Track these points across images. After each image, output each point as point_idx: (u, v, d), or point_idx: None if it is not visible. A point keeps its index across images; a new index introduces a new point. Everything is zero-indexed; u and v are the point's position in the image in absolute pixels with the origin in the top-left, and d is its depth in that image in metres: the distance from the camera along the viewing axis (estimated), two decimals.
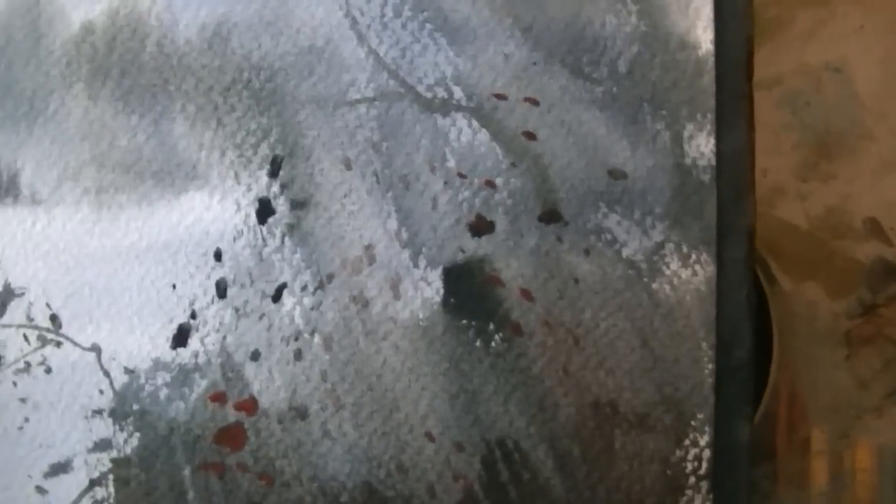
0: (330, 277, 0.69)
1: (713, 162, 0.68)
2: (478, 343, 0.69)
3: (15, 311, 0.72)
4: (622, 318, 0.68)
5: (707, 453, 0.69)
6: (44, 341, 0.71)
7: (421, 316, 0.69)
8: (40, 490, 0.71)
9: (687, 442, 0.69)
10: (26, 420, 0.71)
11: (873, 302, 0.81)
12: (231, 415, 0.70)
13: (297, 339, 0.69)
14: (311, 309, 0.69)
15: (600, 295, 0.68)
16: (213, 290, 0.70)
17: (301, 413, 0.69)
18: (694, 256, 0.68)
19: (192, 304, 0.70)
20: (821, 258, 0.79)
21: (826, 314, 0.79)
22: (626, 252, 0.68)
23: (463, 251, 0.69)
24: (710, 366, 0.68)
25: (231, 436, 0.70)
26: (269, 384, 0.70)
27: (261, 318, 0.70)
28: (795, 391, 0.83)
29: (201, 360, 0.70)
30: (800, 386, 0.83)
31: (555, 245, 0.68)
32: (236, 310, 0.70)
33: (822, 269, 0.79)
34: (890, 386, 0.83)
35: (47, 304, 0.71)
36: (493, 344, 0.69)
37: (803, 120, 0.76)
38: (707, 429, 0.69)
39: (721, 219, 0.68)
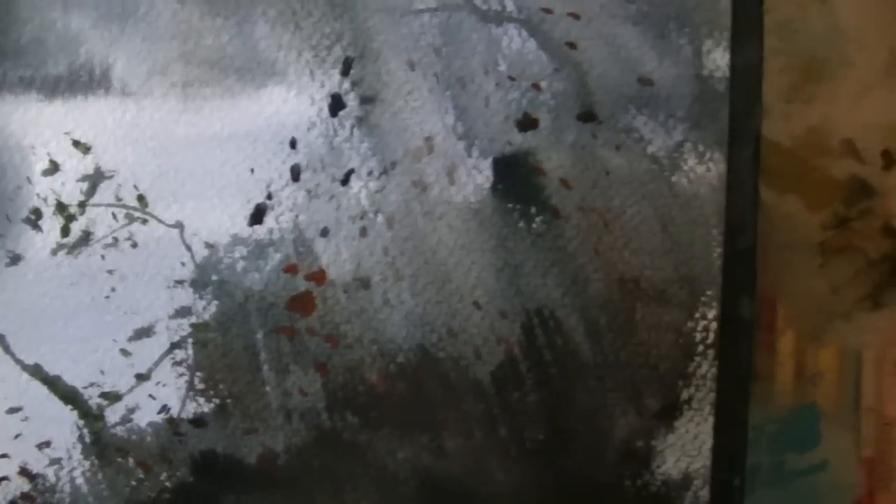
0: (393, 164, 0.79)
1: (727, 74, 0.79)
2: (521, 224, 0.79)
3: (105, 192, 0.80)
4: (646, 206, 0.79)
5: (714, 325, 0.80)
6: (131, 219, 0.79)
7: (473, 199, 0.79)
8: (125, 352, 0.80)
9: (698, 315, 0.80)
10: (113, 290, 0.79)
11: (847, 215, 0.88)
12: (302, 284, 0.79)
13: (362, 219, 0.79)
14: (376, 192, 0.79)
15: (628, 185, 0.79)
16: (287, 174, 0.79)
17: (364, 283, 0.79)
18: (709, 155, 0.79)
19: (268, 186, 0.79)
20: (801, 174, 0.85)
21: (803, 225, 0.84)
22: (650, 149, 0.79)
23: (511, 144, 0.79)
24: (719, 249, 0.79)
25: (302, 303, 0.79)
26: (336, 257, 0.79)
27: (330, 199, 0.79)
28: (772, 295, 0.91)
29: (276, 235, 0.79)
30: (776, 291, 0.89)
31: (590, 141, 0.79)
32: (308, 192, 0.79)
33: (802, 184, 0.85)
34: (859, 292, 0.91)
35: (135, 186, 0.79)
36: (534, 225, 0.79)
37: (790, 46, 0.84)
38: (715, 304, 0.80)
39: (732, 123, 0.79)
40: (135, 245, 0.79)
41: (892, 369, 0.93)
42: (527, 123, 0.78)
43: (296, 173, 0.79)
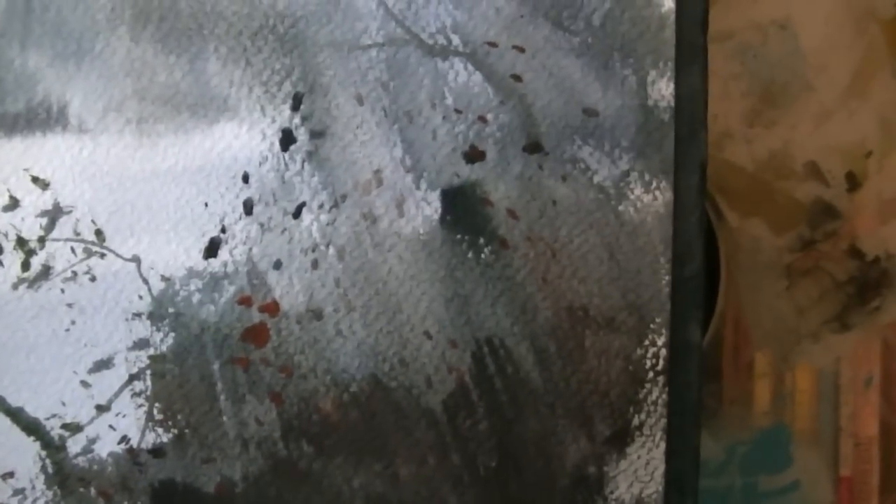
0: (343, 197, 0.80)
1: (672, 103, 0.80)
2: (470, 254, 0.80)
3: (63, 227, 0.81)
4: (593, 235, 0.80)
5: (664, 352, 0.81)
6: (89, 253, 0.81)
7: (422, 231, 0.80)
8: (85, 384, 0.81)
9: (647, 342, 0.81)
10: (73, 323, 0.81)
11: (812, 238, 0.89)
12: (256, 316, 0.81)
13: (314, 251, 0.80)
14: (327, 224, 0.80)
15: (575, 215, 0.80)
16: (240, 208, 0.80)
17: (317, 314, 0.80)
18: (655, 183, 0.80)
19: (222, 220, 0.80)
20: (765, 197, 0.87)
21: (769, 248, 0.86)
22: (597, 178, 0.80)
23: (458, 176, 0.80)
24: (667, 277, 0.80)
25: (256, 334, 0.81)
26: (289, 289, 0.80)
27: (283, 232, 0.80)
28: (740, 318, 0.92)
29: (230, 268, 0.81)
30: (745, 313, 0.91)
31: (536, 172, 0.80)
32: (261, 225, 0.80)
33: (766, 206, 0.87)
34: (826, 314, 0.92)
35: (93, 221, 0.81)
36: (483, 255, 0.80)
37: (751, 71, 0.85)
38: (664, 331, 0.81)
39: (678, 152, 0.80)
40: (93, 279, 0.81)
41: (864, 389, 0.94)
42: (474, 155, 0.80)
43: (248, 207, 0.80)
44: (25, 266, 0.81)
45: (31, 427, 0.81)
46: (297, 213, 0.80)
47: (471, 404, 0.81)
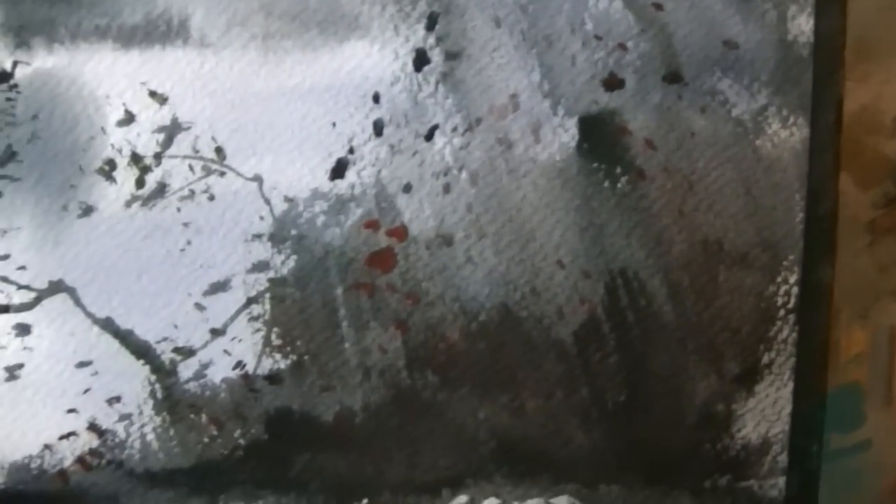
0: (478, 121, 0.78)
1: (811, 39, 0.79)
2: (606, 184, 0.79)
3: (181, 144, 0.78)
4: (730, 169, 0.79)
5: (795, 290, 0.80)
6: (208, 171, 0.78)
7: (558, 158, 0.78)
8: (199, 307, 0.78)
9: (779, 279, 0.80)
10: (188, 243, 0.78)
11: None
12: (383, 240, 0.78)
13: (446, 175, 0.78)
14: (460, 148, 0.78)
15: (712, 147, 0.79)
16: (370, 129, 0.78)
17: (447, 240, 0.78)
18: (792, 119, 0.79)
19: (350, 140, 0.78)
20: (852, 151, 0.85)
21: (853, 203, 0.84)
22: (735, 112, 0.79)
23: (596, 103, 0.78)
24: (801, 214, 0.79)
25: (382, 259, 0.78)
26: (419, 214, 0.78)
27: (414, 154, 0.78)
28: None
29: (357, 190, 0.78)
30: None
31: (675, 102, 0.79)
32: (391, 147, 0.78)
33: (853, 161, 0.85)
34: None
35: (213, 138, 0.78)
36: (619, 185, 0.79)
37: (847, 25, 0.85)
38: (796, 268, 0.80)
39: (815, 88, 0.79)
40: (212, 198, 0.78)
41: None
42: (612, 83, 0.78)
43: (379, 128, 0.78)
44: (140, 183, 0.78)
45: (141, 350, 0.78)
46: (429, 136, 0.78)
47: (602, 337, 0.79)
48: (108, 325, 0.78)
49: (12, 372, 0.77)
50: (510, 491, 0.80)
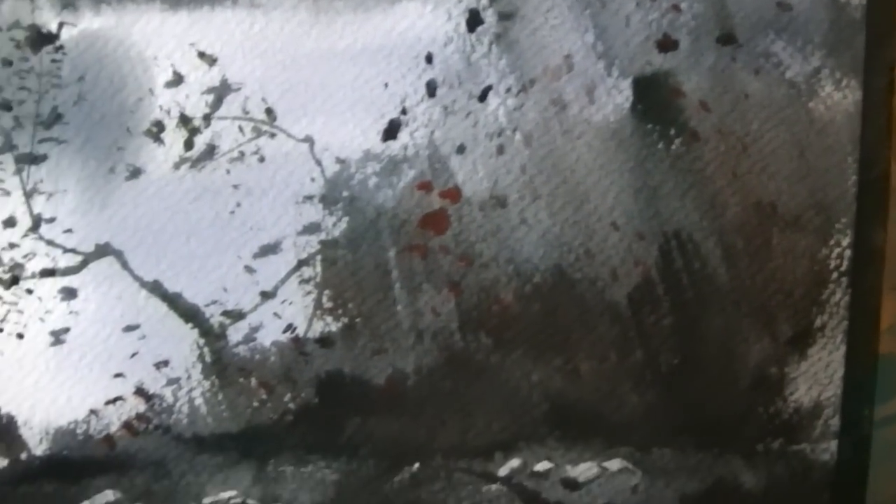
0: (532, 82, 0.77)
1: (864, 1, 0.79)
2: (660, 145, 0.78)
3: (231, 104, 0.77)
4: (783, 131, 0.79)
5: (848, 252, 0.79)
6: (258, 132, 0.77)
7: (612, 119, 0.78)
8: (249, 270, 0.77)
9: (832, 242, 0.80)
10: (238, 205, 0.77)
11: None
12: (436, 202, 0.78)
13: (499, 136, 0.78)
14: (514, 109, 0.78)
15: (766, 109, 0.79)
16: (423, 90, 0.77)
17: (501, 201, 0.78)
18: (845, 82, 0.79)
19: (402, 101, 0.77)
20: None
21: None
22: (788, 74, 0.79)
23: (650, 64, 0.78)
24: (854, 177, 0.79)
25: (435, 221, 0.77)
26: (472, 175, 0.78)
27: (467, 115, 0.78)
28: None
29: (410, 152, 0.77)
30: None
31: (729, 64, 0.78)
32: (445, 108, 0.77)
33: None
34: None
35: (263, 99, 0.77)
36: (673, 146, 0.78)
37: None
38: (849, 231, 0.79)
39: (868, 51, 0.79)
40: (262, 159, 0.77)
41: None
42: (666, 44, 0.78)
43: (432, 89, 0.77)
44: (188, 145, 0.77)
45: (190, 314, 0.77)
46: (482, 97, 0.77)
47: (656, 299, 0.79)
48: (156, 289, 0.77)
49: (58, 336, 0.76)
50: (563, 454, 0.80)
